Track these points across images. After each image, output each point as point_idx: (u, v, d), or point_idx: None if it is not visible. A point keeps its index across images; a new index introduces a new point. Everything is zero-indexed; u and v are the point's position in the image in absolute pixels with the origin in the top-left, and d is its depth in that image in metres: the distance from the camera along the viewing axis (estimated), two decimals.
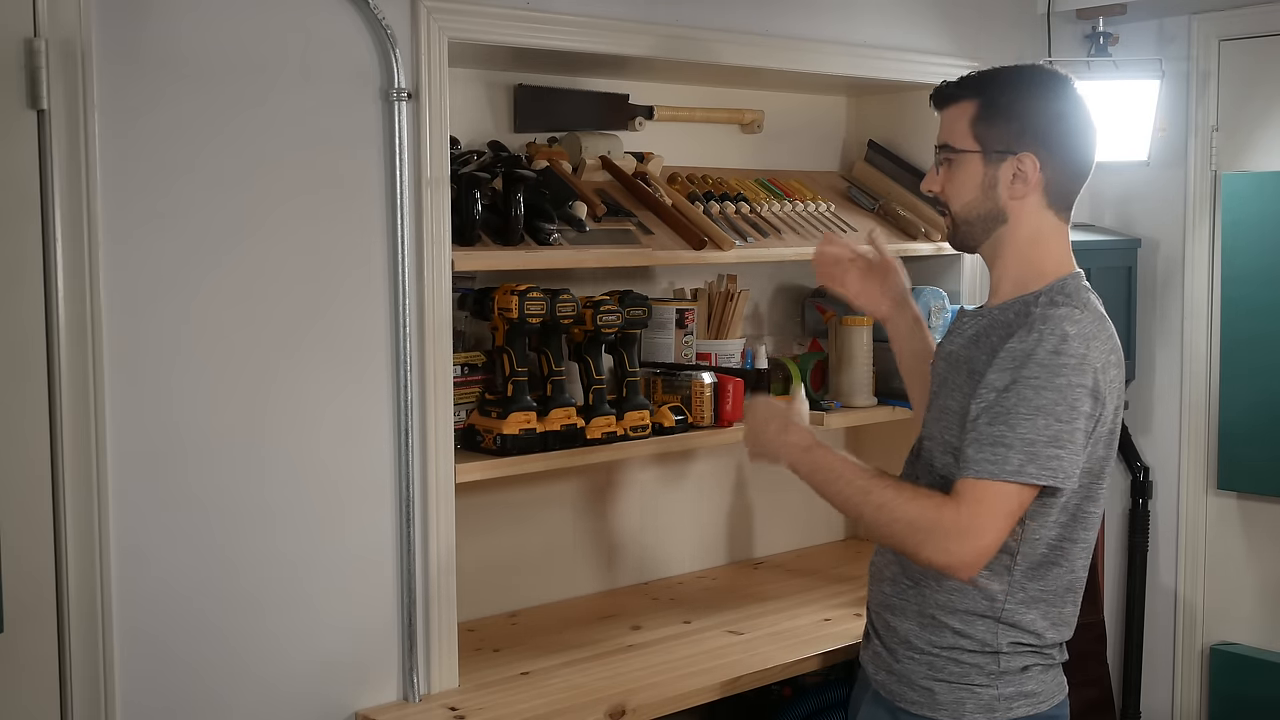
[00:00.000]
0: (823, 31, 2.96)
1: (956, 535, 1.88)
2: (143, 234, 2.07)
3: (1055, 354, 1.89)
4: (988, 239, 2.08)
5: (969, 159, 2.04)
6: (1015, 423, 1.88)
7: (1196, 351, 3.61)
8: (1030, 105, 2.02)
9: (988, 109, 2.03)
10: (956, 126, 2.06)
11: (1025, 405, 1.88)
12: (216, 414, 2.16)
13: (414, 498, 2.36)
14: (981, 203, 2.05)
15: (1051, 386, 1.88)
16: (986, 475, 1.88)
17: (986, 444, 1.89)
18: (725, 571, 3.23)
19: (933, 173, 2.12)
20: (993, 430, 1.89)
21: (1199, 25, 3.52)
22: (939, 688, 2.04)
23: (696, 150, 3.11)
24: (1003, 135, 2.02)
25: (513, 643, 2.67)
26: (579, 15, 2.52)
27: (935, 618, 2.05)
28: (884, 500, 1.95)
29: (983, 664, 2.03)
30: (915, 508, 1.92)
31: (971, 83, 2.07)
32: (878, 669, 2.15)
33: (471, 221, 2.44)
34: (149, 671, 2.12)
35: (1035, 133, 2.01)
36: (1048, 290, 2.01)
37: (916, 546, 1.92)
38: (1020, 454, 1.87)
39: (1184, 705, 3.69)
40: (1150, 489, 3.73)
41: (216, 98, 2.13)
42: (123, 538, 2.07)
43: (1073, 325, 1.92)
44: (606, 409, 2.65)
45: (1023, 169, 2.01)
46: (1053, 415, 1.87)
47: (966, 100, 2.05)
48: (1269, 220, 3.39)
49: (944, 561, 1.90)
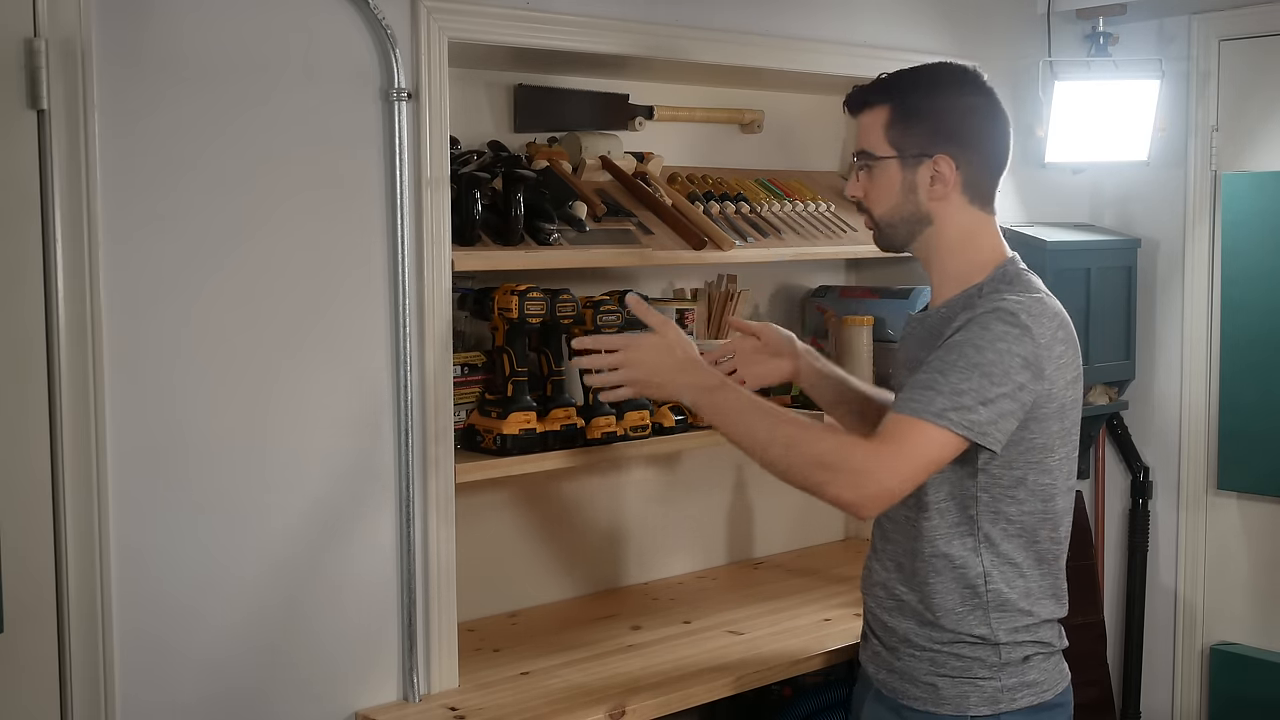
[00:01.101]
0: (822, 31, 2.96)
1: (865, 472, 1.88)
2: (143, 234, 2.07)
3: (999, 321, 1.92)
4: (915, 240, 2.10)
5: (887, 165, 2.06)
6: (949, 373, 1.90)
7: (1196, 352, 3.61)
8: (939, 105, 2.04)
9: (900, 113, 2.05)
10: (871, 133, 2.07)
11: (963, 360, 1.90)
12: (216, 414, 2.16)
13: (414, 498, 2.36)
14: (903, 206, 2.07)
15: (991, 349, 1.90)
16: (908, 412, 1.89)
17: (917, 388, 1.91)
18: (725, 571, 3.23)
19: (854, 179, 2.13)
20: (926, 377, 1.91)
21: (1199, 25, 3.52)
22: (942, 683, 2.05)
23: (696, 150, 3.11)
24: (916, 139, 2.03)
25: (513, 643, 2.67)
26: (579, 15, 2.52)
27: (929, 618, 2.05)
28: (790, 438, 1.93)
29: (984, 656, 2.03)
30: (825, 445, 1.91)
31: (883, 87, 2.09)
32: (878, 668, 2.15)
33: (471, 221, 2.44)
34: (149, 671, 2.12)
35: (947, 133, 2.03)
36: (989, 280, 2.04)
37: (822, 484, 1.90)
38: (946, 399, 1.88)
39: (1184, 705, 3.69)
40: (1150, 489, 3.73)
41: (217, 98, 2.13)
42: (123, 538, 2.07)
43: (1018, 305, 1.94)
44: (606, 409, 2.65)
45: (939, 170, 2.03)
46: (986, 376, 1.89)
47: (879, 105, 2.07)
48: (1269, 220, 3.39)
49: (850, 497, 1.89)
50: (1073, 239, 3.50)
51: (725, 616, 2.84)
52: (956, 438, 1.89)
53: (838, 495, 1.90)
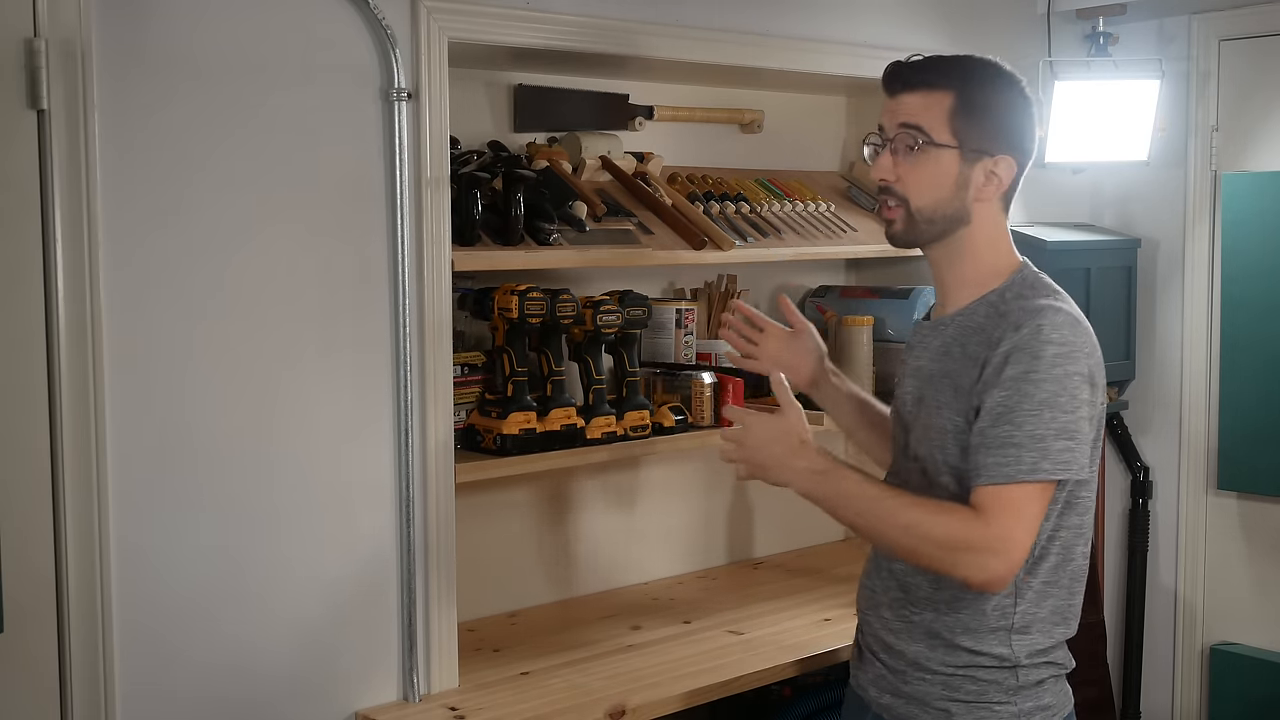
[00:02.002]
0: (823, 31, 2.96)
1: (990, 550, 1.81)
2: (143, 234, 2.07)
3: (1048, 344, 1.83)
4: (944, 239, 1.98)
5: (944, 154, 1.93)
6: (1021, 421, 1.82)
7: (1196, 351, 3.61)
8: (1006, 105, 1.95)
9: (966, 102, 1.93)
10: (930, 115, 1.93)
11: (1028, 401, 1.82)
12: (216, 413, 2.16)
13: (414, 498, 2.36)
14: (950, 202, 1.95)
15: (1050, 378, 1.82)
16: (1002, 479, 1.81)
17: (995, 447, 1.83)
18: (725, 571, 3.23)
19: (886, 158, 1.97)
20: (998, 432, 1.83)
21: (1199, 25, 3.52)
22: (956, 708, 1.96)
23: (696, 150, 3.11)
24: (981, 134, 1.93)
25: (513, 643, 2.67)
26: (579, 15, 2.52)
27: (946, 639, 1.97)
28: (910, 522, 1.85)
29: (1001, 679, 1.95)
30: (943, 527, 1.83)
31: (947, 70, 1.95)
32: (882, 691, 2.05)
33: (471, 221, 2.44)
34: (149, 671, 2.12)
35: (1010, 135, 1.95)
36: (1011, 285, 1.95)
37: (951, 566, 1.84)
38: (1032, 452, 1.81)
39: (1184, 705, 3.69)
40: (1150, 489, 3.73)
41: (216, 98, 2.13)
42: (123, 538, 2.07)
43: (1056, 314, 1.87)
44: (606, 409, 2.65)
45: (997, 172, 1.94)
46: (1057, 408, 1.82)
47: (941, 90, 1.93)
48: (1269, 220, 3.39)
49: (981, 579, 1.83)
50: (1073, 239, 3.50)
51: (725, 616, 2.84)
52: (1053, 483, 1.85)
53: (967, 577, 1.84)
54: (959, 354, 1.95)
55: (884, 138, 1.99)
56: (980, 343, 1.92)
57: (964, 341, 1.95)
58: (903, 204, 1.97)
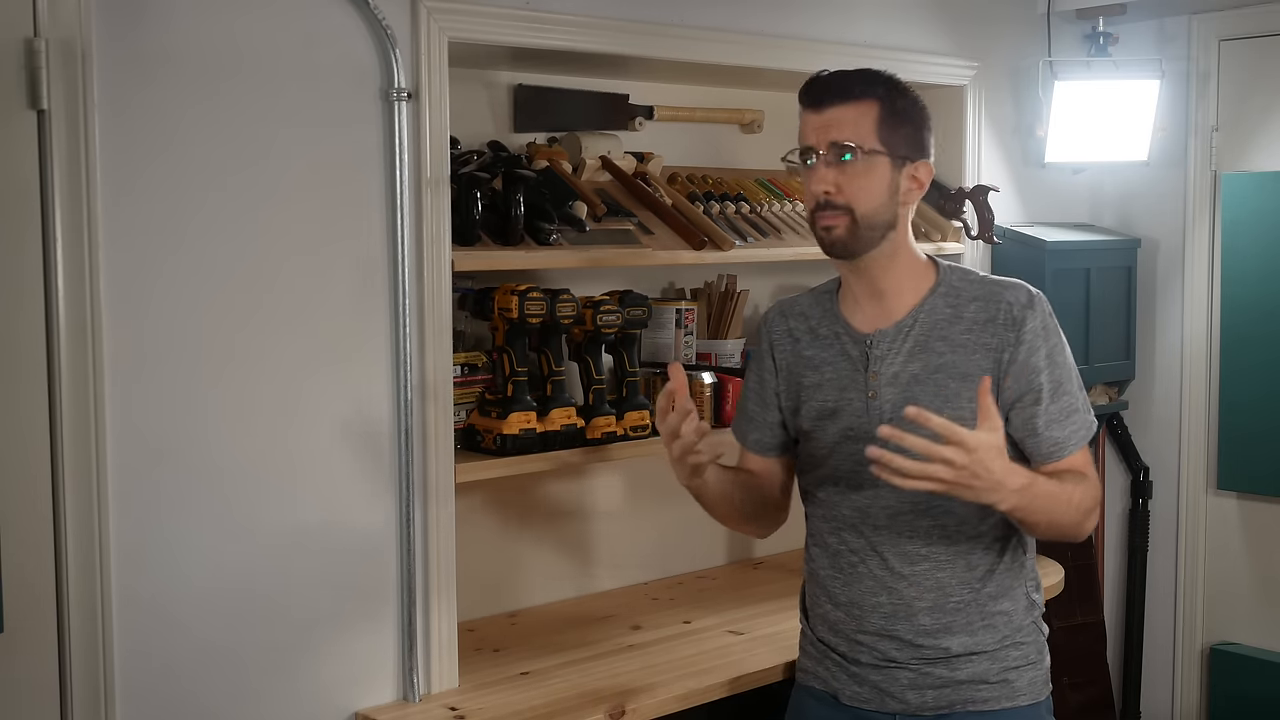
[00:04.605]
0: (823, 31, 2.96)
1: (1098, 501, 2.04)
2: (143, 234, 2.07)
3: (1050, 317, 2.03)
4: (878, 245, 2.02)
5: (878, 161, 1.99)
6: (1069, 388, 2.02)
7: (1196, 351, 3.61)
8: (919, 111, 2.05)
9: (889, 111, 2.00)
10: (859, 126, 1.98)
11: (1065, 369, 2.03)
12: (216, 414, 2.16)
13: (414, 498, 2.36)
14: (887, 207, 2.01)
15: (1062, 343, 2.04)
16: (1081, 443, 2.03)
17: (1064, 418, 2.01)
18: (725, 571, 3.23)
19: (824, 170, 1.99)
20: (1061, 404, 2.01)
21: (1199, 25, 3.52)
22: (1013, 675, 2.07)
23: (696, 150, 3.11)
24: (905, 141, 2.01)
25: (513, 643, 2.67)
26: (579, 15, 2.52)
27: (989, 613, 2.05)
28: (1082, 503, 1.99)
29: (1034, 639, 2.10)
30: (1085, 493, 2.00)
31: (872, 81, 2.02)
32: (922, 692, 2.05)
33: (471, 221, 2.44)
34: (149, 671, 2.12)
35: (924, 139, 2.05)
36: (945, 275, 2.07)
37: (1089, 525, 2.02)
38: (1087, 413, 2.05)
39: (1184, 705, 3.70)
40: (1150, 489, 3.73)
41: (216, 97, 2.13)
42: (123, 538, 2.07)
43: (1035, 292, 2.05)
44: (606, 409, 2.65)
45: (918, 176, 2.03)
46: (1073, 367, 2.05)
47: (869, 100, 2.00)
48: (1269, 220, 3.39)
49: (1092, 527, 2.03)
50: (1072, 239, 3.50)
51: (725, 616, 2.84)
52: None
53: (1088, 531, 2.04)
54: (943, 347, 2.01)
55: (813, 152, 2.00)
56: (975, 328, 2.01)
57: (944, 334, 2.02)
58: (846, 213, 1.99)
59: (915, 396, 1.99)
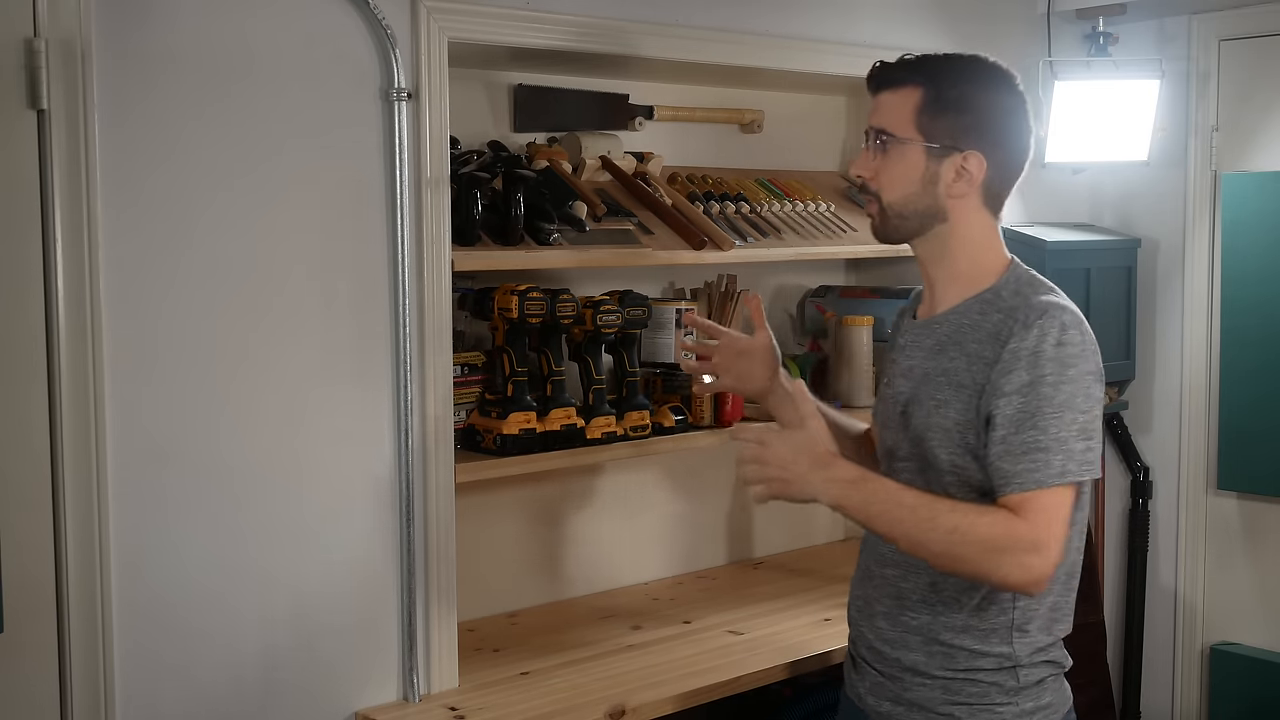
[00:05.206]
0: (822, 31, 2.96)
1: (1032, 549, 1.79)
2: (143, 234, 2.07)
3: (1061, 346, 1.82)
4: (923, 235, 1.98)
5: (910, 149, 1.93)
6: (1045, 425, 1.80)
7: (1196, 351, 3.61)
8: (977, 99, 1.93)
9: (933, 98, 1.92)
10: (896, 112, 1.94)
11: (1049, 405, 1.81)
12: (216, 413, 2.16)
13: (414, 498, 2.36)
14: (920, 197, 1.94)
15: (1067, 380, 1.81)
16: (1033, 485, 1.80)
17: (1021, 453, 1.81)
18: (725, 571, 3.23)
19: (866, 156, 1.98)
20: (1023, 438, 1.81)
21: (1199, 25, 3.52)
22: (960, 711, 1.94)
23: (696, 150, 3.11)
24: (948, 129, 1.92)
25: (513, 643, 2.67)
26: (579, 15, 2.52)
27: (945, 642, 1.95)
28: (954, 525, 1.80)
29: (1002, 680, 1.93)
30: (986, 528, 1.80)
31: (918, 68, 1.95)
32: (880, 699, 2.02)
33: (471, 221, 2.44)
34: (149, 671, 2.12)
35: (981, 129, 1.93)
36: (1006, 282, 1.94)
37: (994, 568, 1.80)
38: (1059, 455, 1.80)
39: (1184, 705, 3.69)
40: (1150, 489, 3.73)
41: (217, 98, 2.13)
42: (123, 538, 2.07)
43: (1064, 313, 1.86)
44: (606, 409, 2.65)
45: (967, 167, 1.93)
46: (1075, 409, 1.81)
47: (910, 85, 1.93)
48: (1269, 220, 3.39)
49: (1023, 579, 1.80)
50: (1073, 239, 3.50)
51: (725, 616, 2.84)
52: (1078, 484, 1.84)
53: (1006, 579, 1.81)
54: (956, 352, 1.93)
55: (865, 136, 2.01)
56: (984, 339, 1.90)
57: (961, 340, 1.93)
58: (875, 200, 1.99)
59: (917, 395, 1.97)
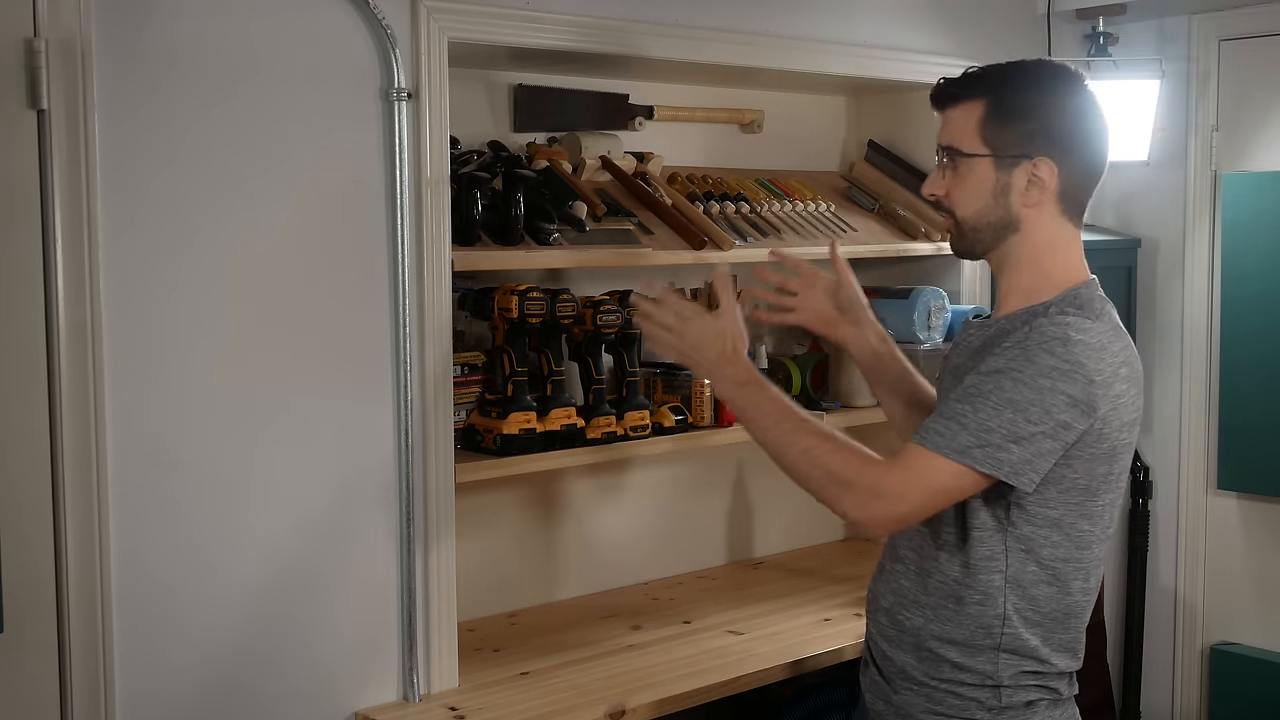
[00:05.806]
0: (822, 31, 2.96)
1: (876, 494, 1.83)
2: (143, 233, 2.07)
3: (1047, 354, 1.79)
4: (998, 247, 1.95)
5: (978, 163, 1.91)
6: (980, 406, 1.79)
7: (1196, 351, 3.61)
8: (1041, 104, 1.90)
9: (996, 109, 1.90)
10: (962, 129, 1.92)
11: (998, 394, 1.79)
12: (216, 413, 2.16)
13: (414, 498, 2.36)
14: (992, 210, 1.92)
15: (1033, 386, 1.78)
16: (929, 445, 1.81)
17: (943, 418, 1.82)
18: (725, 571, 3.23)
19: (936, 175, 1.97)
20: (957, 406, 1.81)
21: (1199, 25, 3.52)
22: None
23: (696, 150, 3.11)
24: (1014, 138, 1.89)
25: (513, 643, 2.67)
26: (579, 15, 2.52)
27: (932, 650, 1.93)
28: (809, 446, 1.87)
29: (983, 698, 1.91)
30: (840, 460, 1.85)
31: (978, 81, 1.93)
32: (875, 698, 2.03)
33: (471, 221, 2.44)
34: (149, 671, 2.12)
35: (1050, 135, 1.89)
36: (1058, 300, 1.90)
37: (834, 498, 1.85)
38: (970, 436, 1.79)
39: (1184, 705, 3.69)
40: (1150, 489, 3.73)
41: (217, 98, 2.13)
42: (122, 538, 2.07)
43: (1079, 333, 1.82)
44: (606, 409, 2.65)
45: (1038, 174, 1.89)
46: (1021, 413, 1.78)
47: (973, 100, 1.92)
48: (1269, 220, 3.39)
49: (856, 515, 1.86)
50: None
51: (725, 616, 2.84)
52: (978, 475, 1.80)
53: (845, 511, 1.86)
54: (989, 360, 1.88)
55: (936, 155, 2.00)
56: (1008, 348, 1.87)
57: (996, 344, 1.90)
58: (950, 217, 1.98)
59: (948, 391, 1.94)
